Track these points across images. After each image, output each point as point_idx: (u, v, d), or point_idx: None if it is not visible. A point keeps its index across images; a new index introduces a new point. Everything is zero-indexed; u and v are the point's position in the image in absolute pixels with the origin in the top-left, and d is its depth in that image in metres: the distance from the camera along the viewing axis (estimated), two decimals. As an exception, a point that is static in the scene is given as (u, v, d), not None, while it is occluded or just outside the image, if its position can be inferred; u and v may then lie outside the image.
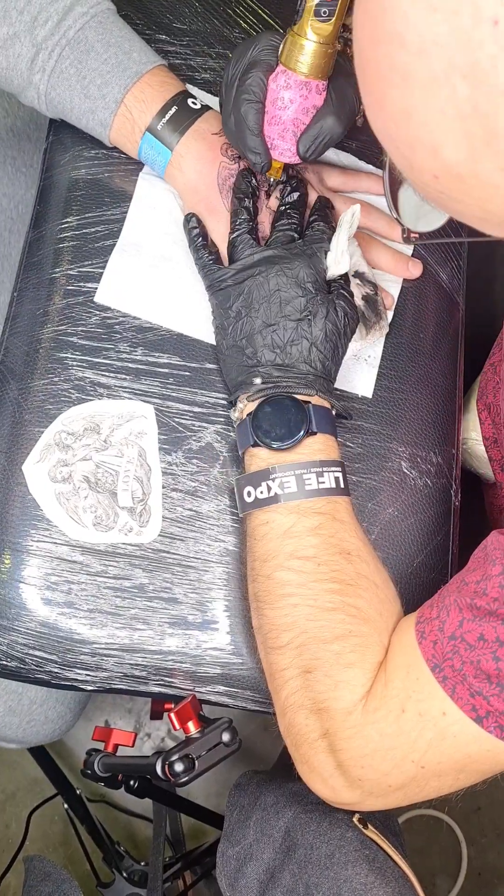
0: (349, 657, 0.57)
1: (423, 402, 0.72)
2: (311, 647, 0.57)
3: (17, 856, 1.24)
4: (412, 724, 0.53)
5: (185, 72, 0.76)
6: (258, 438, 0.60)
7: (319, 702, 0.57)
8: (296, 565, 0.58)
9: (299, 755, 0.60)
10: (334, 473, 0.60)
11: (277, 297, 0.62)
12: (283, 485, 0.59)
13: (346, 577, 0.58)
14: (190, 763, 0.62)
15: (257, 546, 0.60)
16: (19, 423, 0.67)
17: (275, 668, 0.59)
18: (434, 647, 0.52)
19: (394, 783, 0.56)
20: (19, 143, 0.90)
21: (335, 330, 0.62)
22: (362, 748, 0.55)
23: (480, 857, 1.42)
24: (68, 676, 0.65)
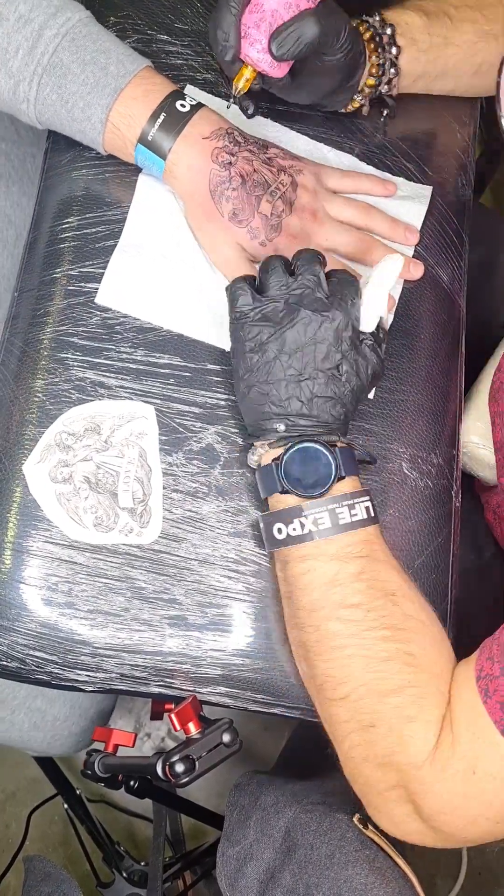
0: (410, 710, 0.56)
1: (423, 403, 0.72)
2: (369, 700, 0.57)
3: (17, 856, 1.24)
4: (485, 785, 0.52)
5: (187, 72, 0.76)
6: (289, 487, 0.60)
7: (386, 756, 0.56)
8: (345, 615, 0.57)
9: (368, 801, 0.60)
10: (364, 504, 0.60)
11: (312, 348, 0.60)
12: (318, 521, 0.58)
13: (395, 622, 0.58)
14: (190, 764, 0.62)
15: (301, 595, 0.60)
16: (20, 423, 0.67)
17: (335, 721, 0.59)
18: (503, 710, 0.51)
19: (469, 836, 0.56)
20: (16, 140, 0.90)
21: (361, 387, 0.62)
22: (434, 805, 0.55)
23: (480, 857, 1.42)
24: (68, 677, 0.65)
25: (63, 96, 0.64)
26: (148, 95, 0.65)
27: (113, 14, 0.76)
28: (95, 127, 0.65)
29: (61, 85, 0.64)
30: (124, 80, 0.64)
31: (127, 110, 0.64)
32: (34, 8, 0.63)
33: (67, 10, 0.64)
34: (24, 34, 0.63)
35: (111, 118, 0.65)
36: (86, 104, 0.64)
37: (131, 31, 0.76)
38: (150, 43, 0.76)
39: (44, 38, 0.63)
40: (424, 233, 0.76)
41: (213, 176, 0.65)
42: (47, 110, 0.66)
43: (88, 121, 0.65)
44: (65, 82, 0.64)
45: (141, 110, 0.64)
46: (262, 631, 0.66)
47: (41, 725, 0.87)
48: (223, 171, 0.65)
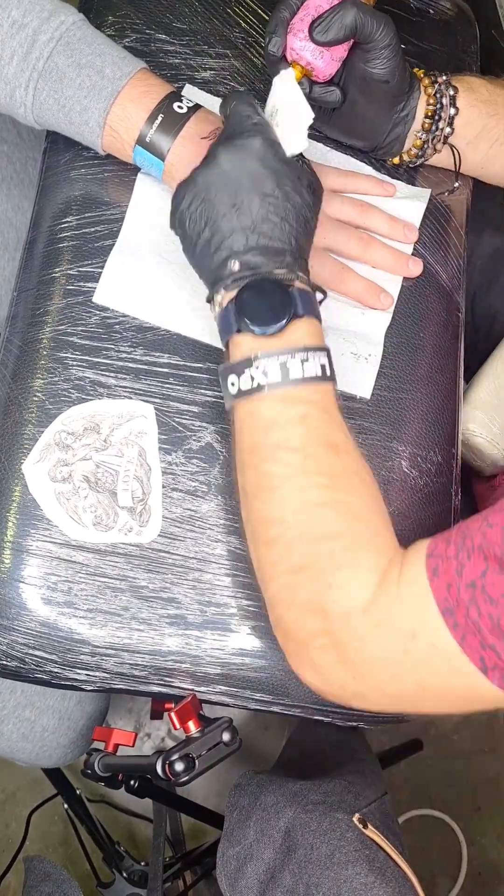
0: (342, 557, 0.55)
1: (423, 402, 0.72)
2: (300, 544, 0.55)
3: (17, 856, 1.24)
4: (423, 651, 0.51)
5: (185, 71, 0.76)
6: (242, 323, 0.57)
7: (312, 602, 0.55)
8: (283, 457, 0.56)
9: (290, 648, 0.58)
10: (320, 360, 0.58)
11: (235, 174, 0.58)
12: (267, 373, 0.56)
13: (334, 472, 0.56)
14: (190, 762, 0.63)
15: (244, 438, 0.58)
16: (19, 422, 0.67)
17: (263, 562, 0.58)
18: (448, 591, 0.50)
19: (389, 692, 0.54)
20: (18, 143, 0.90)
21: (303, 202, 0.59)
22: (363, 653, 0.54)
23: (480, 857, 1.42)
24: (68, 676, 0.65)
25: (60, 101, 0.64)
26: (145, 97, 0.65)
27: (111, 13, 0.76)
28: (93, 130, 0.65)
29: (57, 89, 0.64)
30: (121, 83, 0.64)
31: (124, 112, 0.65)
32: (27, 13, 0.63)
33: (61, 13, 0.64)
34: (18, 40, 0.63)
35: (109, 121, 0.65)
36: (83, 108, 0.64)
37: (129, 31, 0.76)
38: (149, 42, 0.76)
39: (38, 44, 0.63)
40: (423, 231, 0.76)
41: None
42: (44, 114, 0.66)
43: (86, 124, 0.65)
44: (61, 86, 0.64)
45: (138, 112, 0.64)
46: (262, 630, 0.66)
47: (29, 736, 0.86)
48: None
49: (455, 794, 1.44)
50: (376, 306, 0.72)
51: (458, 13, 0.87)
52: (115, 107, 0.64)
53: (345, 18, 0.63)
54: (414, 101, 0.70)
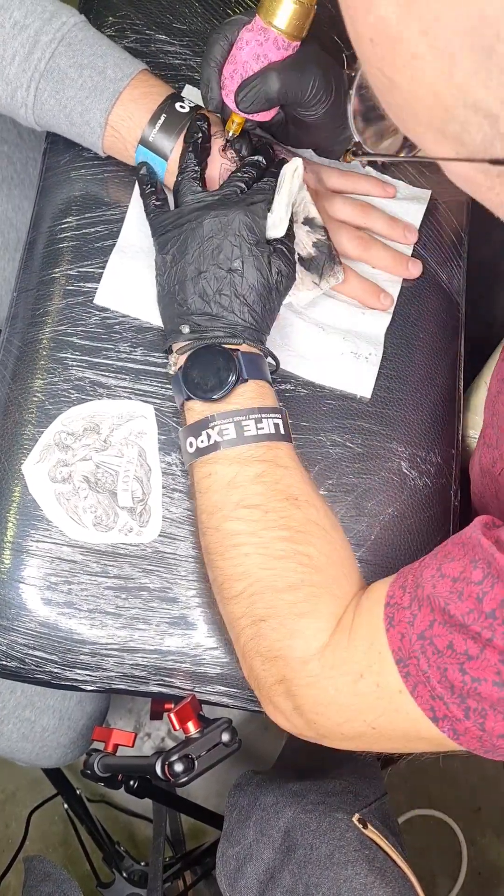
0: (302, 607, 0.57)
1: (422, 402, 0.72)
2: (264, 595, 0.57)
3: (17, 856, 1.24)
4: (369, 691, 0.53)
5: (185, 72, 0.76)
6: (190, 391, 0.60)
7: (274, 650, 0.57)
8: (244, 514, 0.58)
9: (261, 696, 0.60)
10: (273, 420, 0.60)
11: (210, 243, 0.61)
12: (223, 432, 0.59)
13: (294, 524, 0.58)
14: (189, 763, 0.63)
15: (203, 499, 0.61)
16: (19, 423, 0.67)
17: (231, 617, 0.60)
18: (401, 641, 0.52)
19: (346, 733, 0.56)
20: (19, 144, 0.90)
21: (265, 285, 0.62)
22: (316, 697, 0.56)
23: (480, 857, 1.42)
24: (68, 676, 0.65)
25: (61, 101, 0.64)
26: (146, 98, 0.65)
27: (111, 14, 0.76)
28: (95, 131, 0.65)
29: (59, 90, 0.64)
30: (122, 84, 0.64)
31: (126, 112, 0.65)
32: (29, 14, 0.63)
33: (62, 14, 0.64)
34: (20, 40, 0.63)
35: (110, 121, 0.65)
36: (84, 109, 0.64)
37: (130, 32, 0.76)
38: (149, 43, 0.76)
39: (40, 44, 0.63)
40: (423, 232, 0.76)
41: (223, 170, 0.66)
42: (45, 115, 0.66)
43: (87, 125, 0.65)
44: (62, 87, 0.64)
45: (140, 112, 0.65)
46: (262, 630, 0.66)
47: (30, 736, 0.87)
48: (232, 164, 0.66)
49: (455, 794, 1.44)
50: (376, 307, 0.72)
51: None
52: (116, 107, 0.64)
53: (268, 92, 0.61)
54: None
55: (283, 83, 0.61)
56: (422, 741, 0.54)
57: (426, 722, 0.51)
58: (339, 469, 0.69)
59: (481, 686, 0.47)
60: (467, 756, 0.54)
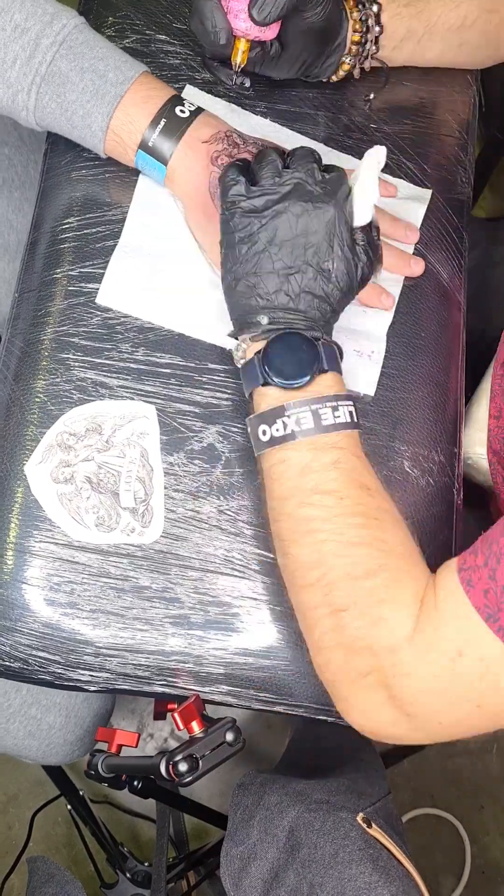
0: (383, 593, 0.55)
1: (424, 401, 0.72)
2: (341, 584, 0.56)
3: (21, 857, 1.24)
4: (471, 668, 0.52)
5: (185, 72, 0.76)
6: (269, 377, 0.59)
7: (359, 639, 0.55)
8: (318, 500, 0.57)
9: (339, 691, 0.58)
10: (348, 407, 0.60)
11: (303, 240, 0.59)
12: (300, 421, 0.58)
13: (369, 511, 0.57)
14: (193, 763, 0.63)
15: (276, 486, 0.59)
16: (21, 423, 0.67)
17: (305, 607, 0.58)
18: (486, 596, 0.50)
19: (445, 721, 0.55)
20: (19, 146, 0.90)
21: (349, 286, 0.61)
22: (415, 685, 0.54)
23: (484, 855, 1.42)
24: (71, 677, 0.65)
25: (62, 105, 0.64)
26: (147, 101, 0.65)
27: (111, 14, 0.76)
28: (96, 134, 0.65)
29: (60, 94, 0.64)
30: (123, 87, 0.64)
31: (127, 117, 0.65)
32: (30, 17, 0.63)
33: (62, 17, 0.64)
34: (20, 44, 0.63)
35: (111, 125, 0.65)
36: (85, 112, 0.64)
37: (130, 32, 0.76)
38: (149, 43, 0.76)
39: (41, 48, 0.63)
40: (424, 231, 0.76)
41: (213, 177, 0.66)
42: (47, 118, 0.66)
43: (89, 128, 0.65)
44: (63, 91, 0.64)
45: (141, 116, 0.65)
46: (265, 629, 0.66)
47: (36, 734, 0.87)
48: None
49: (458, 792, 1.44)
50: (378, 306, 0.72)
51: None
52: (118, 111, 0.64)
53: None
54: (344, 32, 0.71)
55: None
56: None
57: None
58: (342, 468, 0.69)
59: None
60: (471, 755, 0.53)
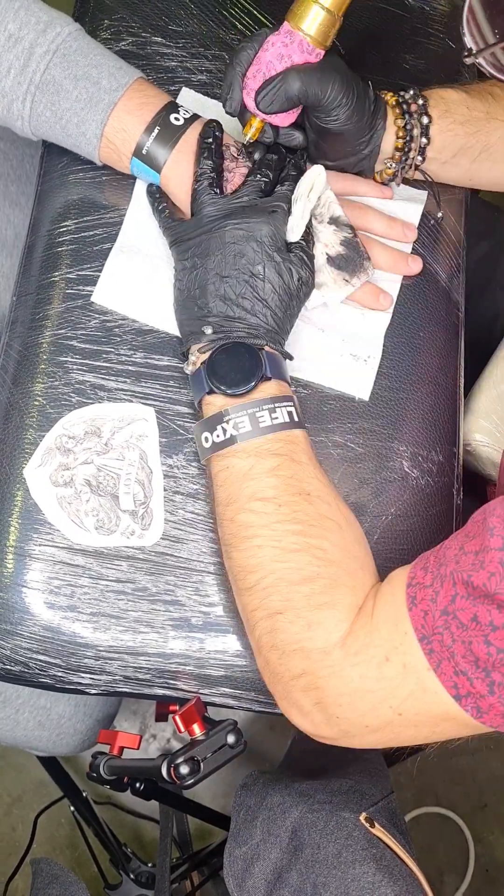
0: (319, 598, 0.57)
1: (423, 401, 0.72)
2: (279, 588, 0.58)
3: (25, 858, 1.24)
4: (395, 673, 0.53)
5: (182, 74, 0.76)
6: (213, 385, 0.61)
7: (293, 643, 0.57)
8: (257, 507, 0.59)
9: (277, 691, 0.60)
10: (286, 408, 0.61)
11: (232, 249, 0.62)
12: (238, 425, 0.60)
13: (307, 518, 0.59)
14: (195, 765, 0.63)
15: (219, 491, 0.61)
16: (20, 427, 0.67)
17: (246, 609, 0.60)
18: (424, 618, 0.52)
19: (370, 724, 0.56)
20: (15, 140, 0.90)
21: (287, 291, 0.63)
22: (340, 687, 0.55)
23: (488, 854, 1.42)
24: (72, 680, 0.65)
25: (57, 113, 0.64)
26: (142, 109, 0.65)
27: (107, 17, 0.76)
28: (91, 142, 0.65)
29: (54, 102, 0.64)
30: (117, 95, 0.64)
31: (121, 124, 0.65)
32: (23, 26, 0.63)
33: (56, 24, 0.64)
34: (14, 53, 0.63)
35: (106, 133, 0.65)
36: (80, 120, 0.64)
37: (125, 34, 0.76)
38: (145, 45, 0.76)
39: (35, 56, 0.63)
40: (422, 231, 0.76)
41: None
42: (42, 126, 0.66)
43: (83, 136, 0.65)
44: (58, 99, 0.64)
45: (135, 124, 0.65)
46: (266, 631, 0.66)
47: (46, 724, 0.87)
48: None
49: (461, 791, 1.44)
50: (376, 307, 0.72)
51: (453, 10, 0.87)
52: (112, 119, 0.64)
53: (288, 91, 0.63)
54: (377, 140, 0.70)
55: (304, 82, 0.62)
56: (448, 723, 0.53)
57: (450, 704, 0.51)
58: (341, 469, 0.69)
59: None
60: (474, 753, 0.54)
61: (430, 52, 0.83)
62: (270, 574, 0.58)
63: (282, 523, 0.58)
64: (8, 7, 0.63)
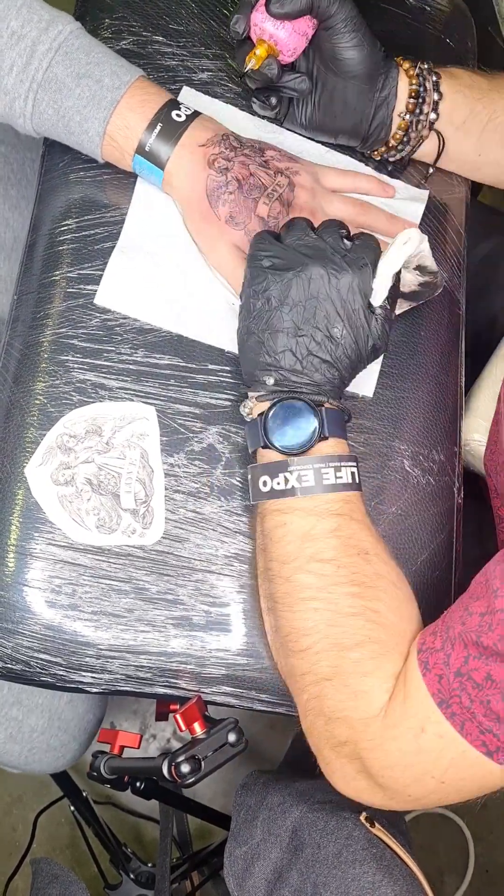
0: (367, 665, 0.56)
1: (424, 400, 0.72)
2: (330, 653, 0.57)
3: (25, 858, 1.24)
4: (432, 745, 0.53)
5: (183, 73, 0.76)
6: (269, 441, 0.59)
7: (338, 711, 0.56)
8: (316, 568, 0.58)
9: (321, 757, 0.60)
10: (350, 468, 0.60)
11: (314, 304, 0.59)
12: (301, 478, 0.58)
13: (365, 580, 0.58)
14: (196, 764, 0.63)
15: (275, 548, 0.60)
16: (21, 426, 0.67)
17: (295, 672, 0.59)
18: (440, 683, 0.52)
19: (414, 794, 0.56)
20: (16, 144, 0.90)
21: (359, 356, 0.61)
22: (382, 760, 0.55)
23: (488, 854, 1.42)
24: (73, 679, 0.65)
25: (59, 111, 0.64)
26: (144, 106, 0.65)
27: (108, 16, 0.76)
28: (93, 140, 0.65)
29: (57, 100, 0.64)
30: (119, 92, 0.64)
31: (123, 122, 0.65)
32: (26, 23, 0.63)
33: (58, 22, 0.64)
34: (17, 51, 0.63)
35: (108, 131, 0.65)
36: (82, 118, 0.64)
37: (126, 33, 0.76)
38: (146, 45, 0.76)
39: (37, 54, 0.63)
40: (423, 230, 0.76)
41: (209, 181, 0.66)
42: (44, 124, 0.66)
43: (86, 134, 0.65)
44: (60, 97, 0.64)
45: (137, 121, 0.65)
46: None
47: (17, 737, 0.84)
48: (220, 175, 0.66)
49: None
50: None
51: (455, 10, 0.87)
52: (114, 116, 0.64)
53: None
54: (393, 81, 0.70)
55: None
56: (491, 781, 0.53)
57: (485, 763, 0.51)
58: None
59: None
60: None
61: (431, 53, 0.83)
62: (324, 639, 0.57)
63: (340, 585, 0.57)
64: (10, 5, 0.63)
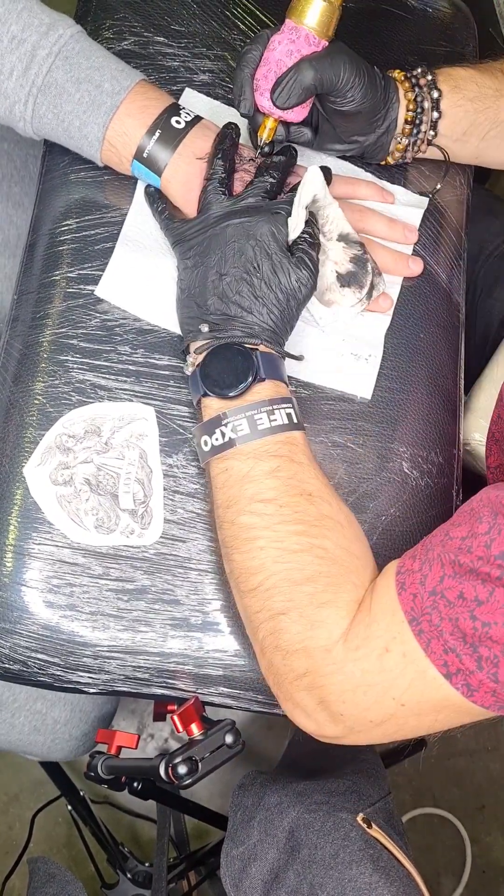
0: (321, 597, 0.57)
1: (423, 402, 0.72)
2: (282, 588, 0.58)
3: (22, 857, 1.24)
4: (395, 663, 0.54)
5: (184, 74, 0.76)
6: (207, 388, 0.61)
7: (296, 643, 0.57)
8: (258, 508, 0.59)
9: (281, 693, 0.60)
10: (285, 409, 0.61)
11: (232, 247, 0.63)
12: (236, 428, 0.60)
13: (309, 518, 0.59)
14: (193, 765, 0.63)
15: (219, 494, 0.61)
16: (20, 426, 0.67)
17: (249, 611, 0.60)
18: (413, 601, 0.53)
19: (374, 718, 0.56)
20: (18, 141, 0.90)
21: (284, 290, 0.63)
22: (343, 684, 0.56)
23: (484, 855, 1.42)
24: (71, 679, 0.65)
25: (59, 115, 0.65)
26: (143, 112, 0.65)
27: (109, 17, 0.76)
28: (93, 144, 0.66)
29: (57, 104, 0.64)
30: (119, 98, 0.64)
31: (123, 127, 0.65)
32: (26, 27, 0.63)
33: (59, 26, 0.64)
34: (17, 55, 0.63)
35: (108, 136, 0.65)
36: (82, 123, 0.65)
37: (128, 34, 0.76)
38: (147, 45, 0.76)
39: (37, 59, 0.63)
40: (423, 232, 0.76)
41: None
42: (44, 128, 0.66)
43: (85, 139, 0.65)
44: (60, 101, 0.64)
45: (137, 127, 0.65)
46: (264, 631, 0.66)
47: (41, 728, 0.87)
48: None
49: (459, 792, 1.44)
50: (376, 309, 0.72)
51: (456, 12, 0.87)
52: (113, 122, 0.64)
53: (304, 81, 0.64)
54: (393, 113, 0.71)
55: (317, 70, 0.64)
56: (447, 710, 0.54)
57: (444, 685, 0.52)
58: (341, 470, 0.69)
59: (492, 630, 0.49)
60: (471, 754, 0.54)
61: (432, 54, 0.83)
62: (273, 575, 0.58)
63: (283, 524, 0.58)
64: (11, 8, 0.63)
